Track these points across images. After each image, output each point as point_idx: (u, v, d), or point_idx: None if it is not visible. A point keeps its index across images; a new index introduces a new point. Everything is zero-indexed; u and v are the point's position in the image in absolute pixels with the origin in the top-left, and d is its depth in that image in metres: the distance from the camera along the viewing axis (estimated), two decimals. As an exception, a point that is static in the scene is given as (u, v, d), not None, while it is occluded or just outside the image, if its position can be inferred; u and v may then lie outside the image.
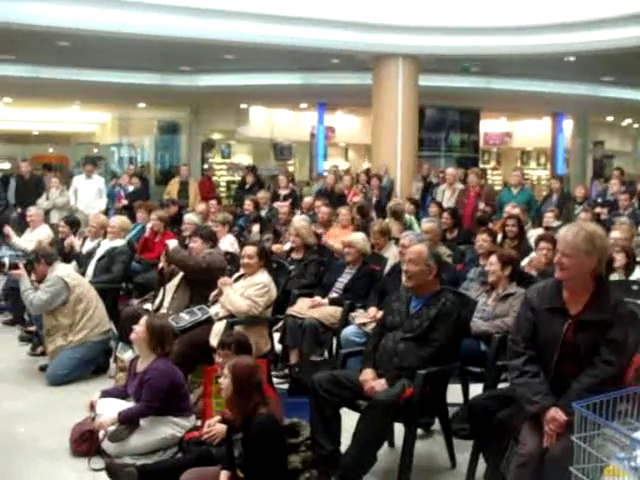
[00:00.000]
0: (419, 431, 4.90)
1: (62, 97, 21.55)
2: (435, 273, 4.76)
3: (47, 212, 11.93)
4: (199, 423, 5.07)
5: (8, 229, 9.41)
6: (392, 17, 13.77)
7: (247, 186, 14.02)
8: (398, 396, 4.34)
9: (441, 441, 4.91)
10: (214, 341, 5.48)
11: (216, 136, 25.29)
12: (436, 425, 5.05)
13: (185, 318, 5.96)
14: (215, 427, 4.53)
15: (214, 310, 6.03)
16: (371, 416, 4.29)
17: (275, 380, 6.23)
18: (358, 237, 7.14)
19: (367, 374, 4.59)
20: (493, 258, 5.80)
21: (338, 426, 4.54)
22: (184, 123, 24.87)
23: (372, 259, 7.18)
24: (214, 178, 21.09)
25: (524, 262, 7.02)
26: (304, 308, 6.64)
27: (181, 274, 6.61)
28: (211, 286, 6.23)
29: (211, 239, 6.91)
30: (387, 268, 7.12)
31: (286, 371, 6.55)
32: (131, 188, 13.60)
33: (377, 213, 11.16)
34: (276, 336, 6.70)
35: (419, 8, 13.79)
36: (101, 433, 4.87)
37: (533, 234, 8.27)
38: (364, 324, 6.08)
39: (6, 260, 6.93)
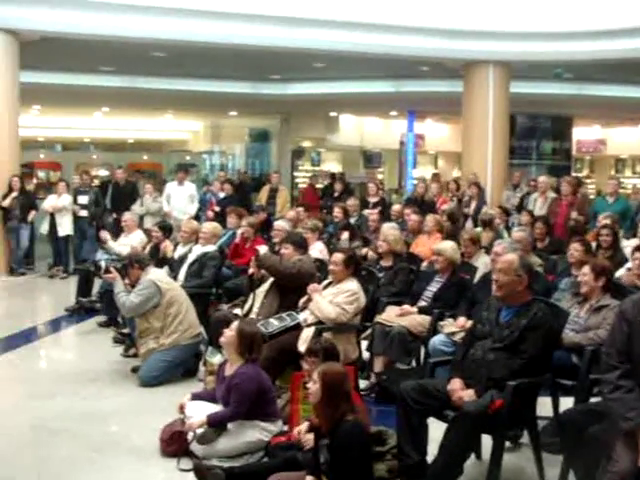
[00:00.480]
0: (507, 444, 4.80)
1: (156, 106, 22.08)
2: (526, 283, 4.67)
3: (141, 217, 12.29)
4: (286, 428, 5.11)
5: (105, 233, 9.69)
6: (482, 23, 13.61)
7: (336, 194, 14.06)
8: (487, 407, 4.27)
9: (530, 455, 4.79)
10: (302, 347, 5.50)
11: (306, 144, 25.46)
12: (525, 438, 4.95)
13: (274, 324, 6.00)
14: (306, 437, 4.53)
15: (303, 316, 6.04)
16: (459, 427, 4.24)
17: (362, 388, 6.23)
18: (447, 245, 7.07)
19: (455, 384, 4.53)
20: (586, 268, 5.65)
21: (425, 436, 4.49)
22: (274, 131, 25.12)
23: (462, 267, 7.09)
24: (303, 185, 21.28)
25: (618, 273, 6.81)
26: (392, 316, 6.61)
27: (271, 280, 6.66)
28: (300, 292, 6.24)
29: (302, 246, 6.94)
30: (477, 277, 7.03)
31: (373, 379, 6.53)
32: (222, 195, 13.80)
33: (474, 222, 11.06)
34: (364, 344, 6.69)
35: (509, 13, 13.57)
36: (190, 435, 4.95)
37: (628, 245, 8.04)
38: (453, 333, 6.01)
39: (102, 264, 7.13)
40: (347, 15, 12.96)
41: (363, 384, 6.40)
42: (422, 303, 6.80)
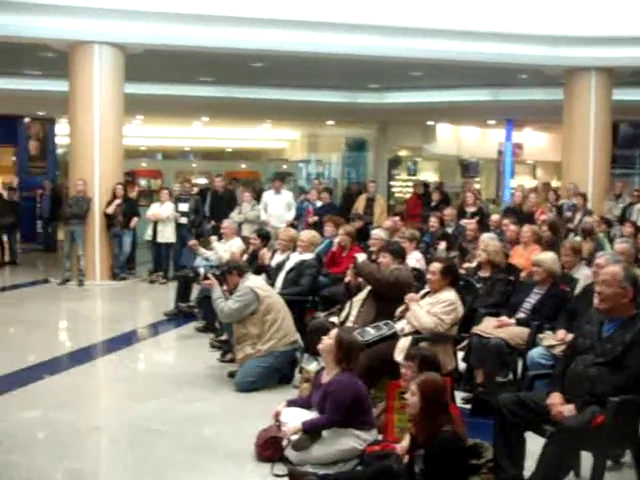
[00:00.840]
0: (608, 462, 4.65)
1: (254, 116, 22.36)
2: (631, 296, 4.53)
3: (239, 225, 12.47)
4: (380, 437, 5.09)
5: (194, 243, 9.91)
6: (583, 29, 13.26)
7: (434, 203, 13.97)
8: (588, 423, 4.16)
9: (632, 475, 4.63)
10: (399, 357, 5.48)
11: (402, 153, 25.38)
12: (627, 457, 4.79)
13: (371, 332, 5.99)
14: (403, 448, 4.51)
15: (400, 326, 6.02)
16: (558, 442, 4.13)
17: (458, 399, 6.15)
18: (546, 256, 6.92)
19: (555, 398, 4.43)
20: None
21: (522, 450, 4.41)
22: (371, 140, 25.13)
23: (561, 279, 6.93)
24: (400, 195, 21.23)
25: None
26: (490, 327, 6.51)
27: (368, 288, 6.67)
28: (397, 301, 6.22)
29: (400, 255, 6.92)
30: (577, 289, 6.86)
31: (469, 391, 6.45)
32: (319, 203, 13.88)
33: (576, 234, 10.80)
34: (460, 355, 6.61)
35: (611, 18, 13.18)
36: (285, 441, 4.98)
37: None
38: (552, 346, 5.88)
39: (201, 270, 7.28)
40: (445, 23, 12.85)
41: (459, 396, 6.33)
42: (520, 315, 6.68)
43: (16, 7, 11.57)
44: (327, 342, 5.14)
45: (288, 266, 8.08)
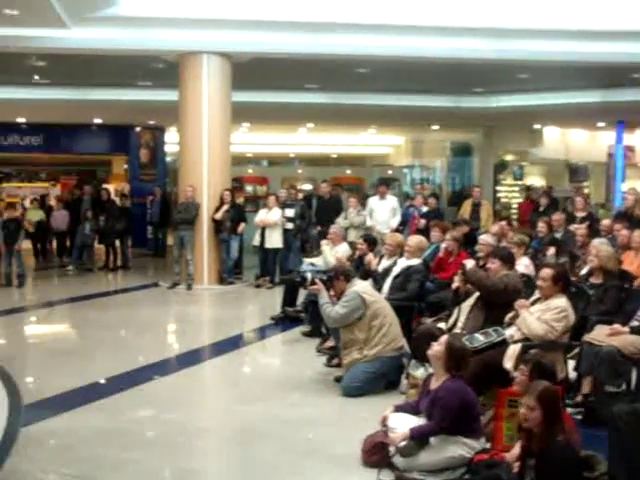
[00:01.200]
0: None
1: (359, 122, 22.42)
2: None
3: (345, 230, 12.50)
4: (489, 446, 5.01)
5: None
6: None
7: (541, 208, 13.68)
8: None
9: None
10: (508, 364, 5.39)
11: (508, 157, 24.98)
12: None
13: (480, 339, 5.90)
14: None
15: (509, 332, 5.92)
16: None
17: (568, 409, 5.99)
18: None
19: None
20: None
21: (640, 464, 4.26)
22: (476, 145, 24.83)
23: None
24: (505, 200, 20.89)
25: None
26: (602, 335, 6.30)
27: (476, 294, 6.58)
28: (506, 308, 6.13)
29: (509, 260, 6.82)
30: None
31: (580, 400, 6.27)
32: (425, 209, 13.78)
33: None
34: (571, 363, 6.44)
35: None
36: (392, 447, 4.96)
37: None
38: (669, 356, 5.67)
39: (308, 275, 7.31)
40: (553, 23, 12.53)
41: (570, 405, 6.16)
42: (634, 323, 6.45)
43: (129, 22, 11.98)
44: (436, 348, 5.09)
45: (395, 271, 8.06)
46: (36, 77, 16.56)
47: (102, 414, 6.26)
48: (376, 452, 5.08)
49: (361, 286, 6.96)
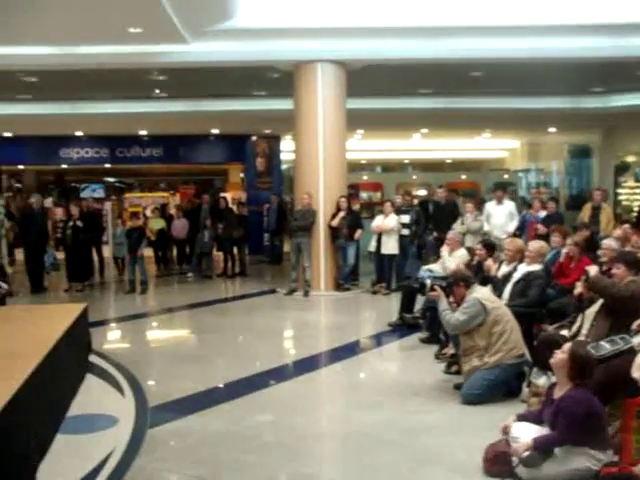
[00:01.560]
0: None
1: (474, 126, 22.20)
2: None
3: (462, 236, 12.36)
4: (616, 458, 4.83)
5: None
6: None
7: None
8: None
9: None
10: (636, 373, 5.18)
11: (630, 159, 24.14)
12: None
13: (606, 347, 5.70)
14: None
15: (637, 340, 5.70)
16: None
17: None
18: None
19: None
20: None
21: None
22: (595, 146, 24.16)
23: None
24: (626, 203, 20.20)
25: None
26: None
27: (601, 301, 6.38)
28: (633, 315, 5.91)
29: (635, 265, 6.56)
30: None
31: None
32: (543, 214, 13.46)
33: None
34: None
35: None
36: (515, 457, 4.86)
37: None
38: None
39: (427, 282, 7.26)
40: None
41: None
42: None
43: (245, 34, 12.24)
44: (560, 356, 4.96)
45: (515, 277, 7.90)
46: (157, 91, 17.15)
47: (223, 417, 6.40)
48: (498, 461, 4.99)
49: (481, 292, 6.87)
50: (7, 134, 21.82)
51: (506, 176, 24.60)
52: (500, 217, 13.19)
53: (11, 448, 4.51)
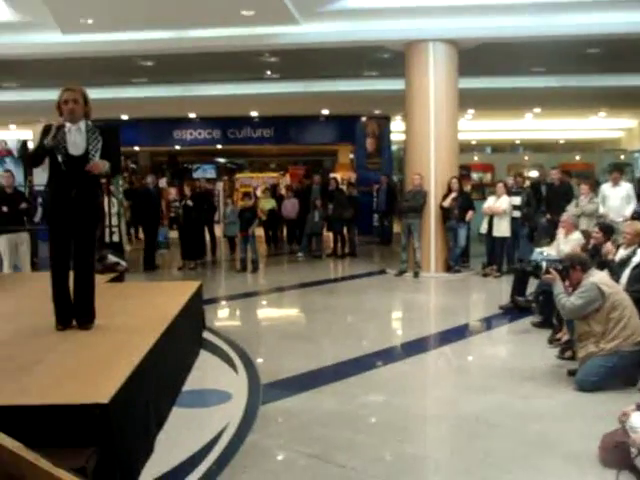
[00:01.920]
0: None
1: (588, 105, 21.55)
2: None
3: (576, 218, 12.05)
4: None
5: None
6: None
7: None
8: None
9: None
10: None
11: None
12: None
13: None
14: None
15: None
16: None
17: None
18: None
19: None
20: None
21: None
22: None
23: None
24: None
25: None
26: None
27: None
28: None
29: None
30: None
31: None
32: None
33: None
34: None
35: None
36: (634, 448, 4.72)
37: None
38: None
39: (543, 264, 7.13)
40: None
41: None
42: None
43: (356, 14, 12.25)
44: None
45: (635, 262, 7.63)
46: (268, 72, 17.33)
47: (333, 397, 6.44)
48: (616, 452, 4.85)
49: (599, 277, 6.67)
50: (124, 117, 22.50)
51: (622, 157, 23.83)
52: (616, 200, 12.73)
53: (134, 416, 4.69)
